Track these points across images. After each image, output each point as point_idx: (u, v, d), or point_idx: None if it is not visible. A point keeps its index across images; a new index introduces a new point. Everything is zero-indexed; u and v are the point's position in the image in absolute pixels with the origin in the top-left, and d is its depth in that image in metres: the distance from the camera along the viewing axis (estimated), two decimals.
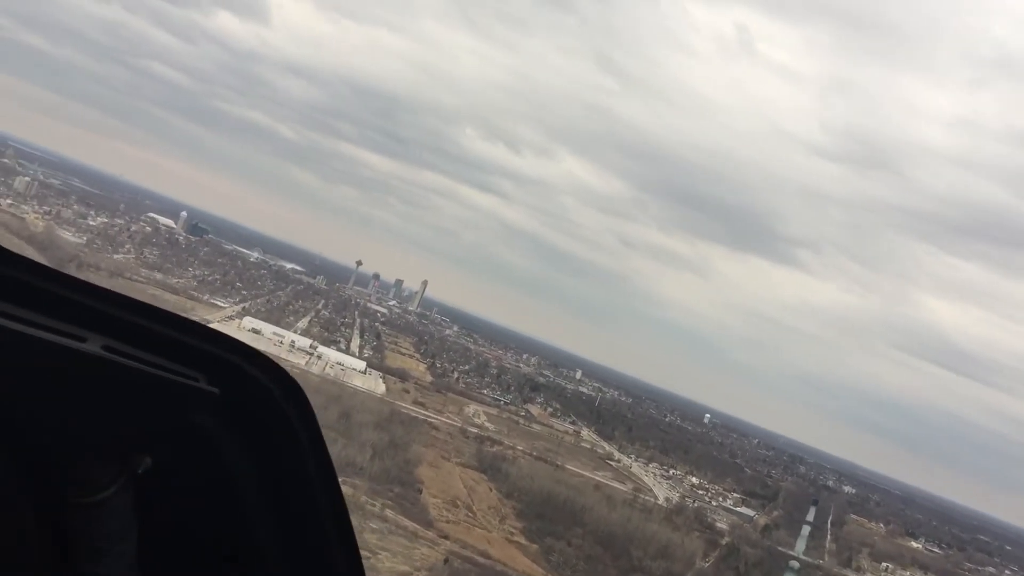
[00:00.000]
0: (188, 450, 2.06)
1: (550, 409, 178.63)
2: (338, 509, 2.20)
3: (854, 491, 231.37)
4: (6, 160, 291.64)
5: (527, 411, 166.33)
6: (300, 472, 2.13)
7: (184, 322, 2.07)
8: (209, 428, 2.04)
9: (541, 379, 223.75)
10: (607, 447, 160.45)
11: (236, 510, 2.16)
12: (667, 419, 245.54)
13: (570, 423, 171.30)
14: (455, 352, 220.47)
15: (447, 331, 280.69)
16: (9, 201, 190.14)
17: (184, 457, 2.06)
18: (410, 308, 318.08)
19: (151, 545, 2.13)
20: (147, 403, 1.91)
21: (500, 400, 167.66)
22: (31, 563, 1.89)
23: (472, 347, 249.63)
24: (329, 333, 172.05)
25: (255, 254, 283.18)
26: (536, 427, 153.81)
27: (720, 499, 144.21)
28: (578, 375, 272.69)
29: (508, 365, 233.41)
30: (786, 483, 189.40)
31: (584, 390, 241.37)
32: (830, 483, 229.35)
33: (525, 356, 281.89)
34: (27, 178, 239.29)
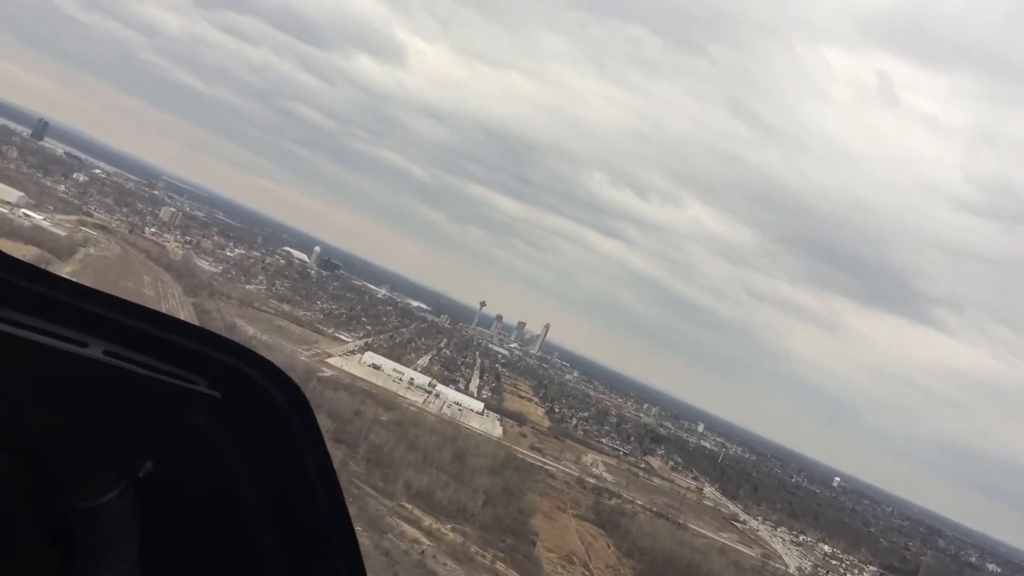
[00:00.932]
0: (189, 454, 2.06)
1: (671, 463, 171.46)
2: (339, 512, 2.19)
3: (999, 570, 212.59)
4: (156, 192, 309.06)
5: (647, 463, 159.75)
6: (302, 475, 2.13)
7: (185, 326, 2.06)
8: (210, 432, 2.04)
9: (662, 430, 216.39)
10: (732, 507, 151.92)
11: (237, 514, 2.17)
12: (793, 480, 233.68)
13: (692, 478, 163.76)
14: (574, 398, 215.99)
15: (567, 376, 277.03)
16: (153, 230, 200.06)
17: (185, 461, 2.07)
18: (531, 351, 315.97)
19: (152, 549, 2.13)
20: (148, 407, 1.92)
21: (619, 450, 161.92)
22: (33, 568, 1.90)
23: (592, 393, 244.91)
24: (449, 372, 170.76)
25: (382, 291, 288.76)
26: (657, 481, 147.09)
27: (856, 571, 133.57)
28: (700, 428, 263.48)
29: (628, 414, 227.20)
30: (925, 557, 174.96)
31: (706, 444, 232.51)
32: (972, 560, 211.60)
33: (645, 406, 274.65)
34: (173, 209, 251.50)
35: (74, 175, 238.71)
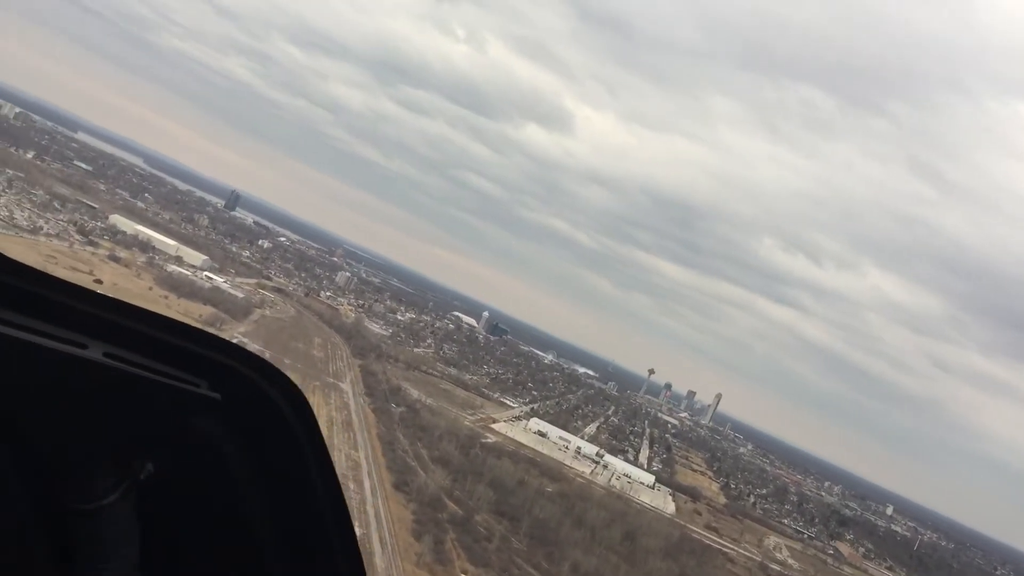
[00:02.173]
0: (190, 456, 2.07)
1: (862, 549, 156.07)
2: (340, 514, 2.19)
3: None
4: (335, 259, 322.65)
5: (835, 549, 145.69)
6: (302, 477, 2.14)
7: (185, 328, 2.07)
8: (211, 433, 2.05)
9: (847, 512, 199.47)
10: None
11: (238, 515, 2.17)
12: (999, 573, 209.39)
13: (886, 568, 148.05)
14: (750, 473, 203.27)
15: (741, 449, 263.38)
16: (329, 293, 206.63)
17: (186, 463, 2.08)
18: (702, 421, 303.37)
19: (153, 551, 2.14)
20: (148, 409, 1.93)
21: (803, 533, 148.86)
22: (33, 570, 1.91)
23: (768, 468, 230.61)
24: (617, 442, 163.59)
25: (549, 356, 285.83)
26: (848, 571, 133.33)
27: None
28: (889, 511, 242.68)
29: (809, 492, 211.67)
30: None
31: (897, 529, 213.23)
32: None
33: (827, 484, 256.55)
34: (348, 274, 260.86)
35: (259, 242, 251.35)
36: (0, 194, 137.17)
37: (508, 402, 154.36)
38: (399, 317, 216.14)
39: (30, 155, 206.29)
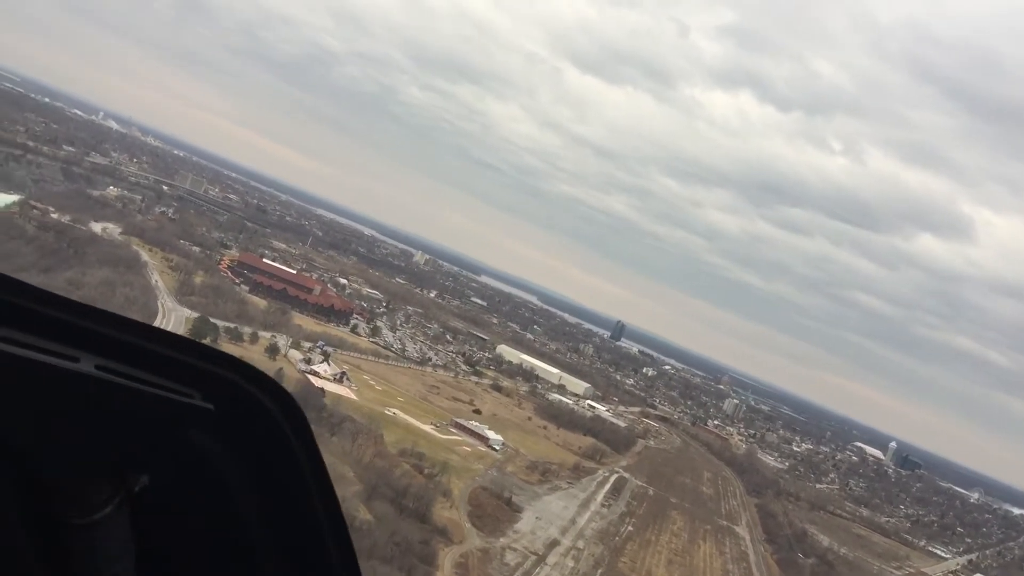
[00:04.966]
0: (184, 467, 2.05)
1: None
2: (336, 523, 2.18)
3: None
4: (721, 386, 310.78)
5: None
6: (297, 486, 2.13)
7: (176, 339, 2.06)
8: (205, 444, 2.03)
9: None
10: None
11: (233, 526, 2.15)
12: None
13: None
14: None
15: None
16: (716, 422, 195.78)
17: (180, 474, 2.06)
18: None
19: (148, 564, 2.13)
20: (142, 421, 1.92)
21: None
22: None
23: None
24: None
25: (975, 495, 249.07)
26: None
27: None
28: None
29: None
30: None
31: None
32: None
33: None
34: (735, 401, 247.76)
35: (643, 370, 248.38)
36: (397, 328, 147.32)
37: (938, 551, 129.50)
38: (794, 448, 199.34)
39: (432, 294, 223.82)
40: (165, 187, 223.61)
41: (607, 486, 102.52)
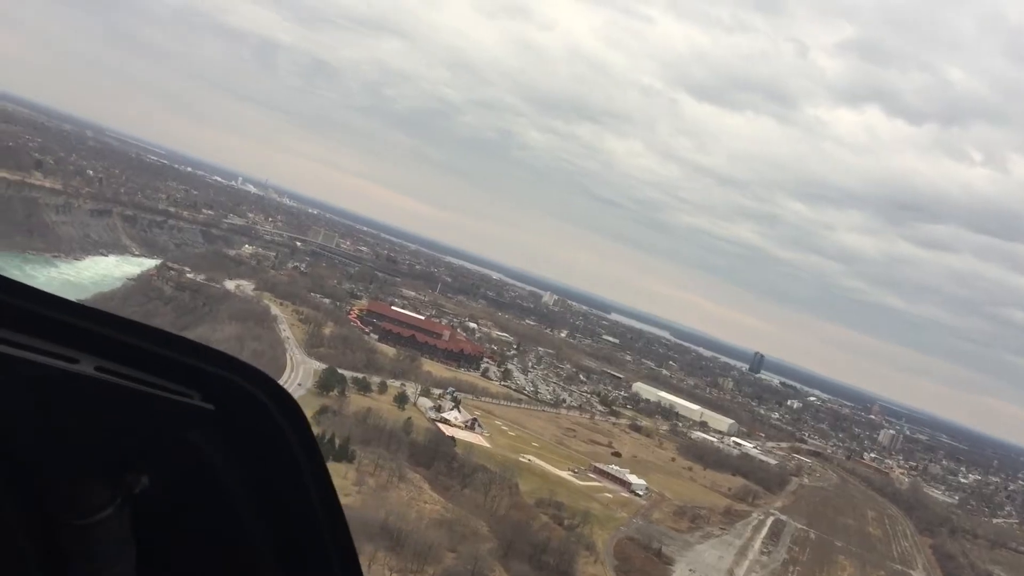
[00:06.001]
0: (184, 467, 2.06)
1: None
2: (336, 523, 2.19)
3: None
4: (872, 416, 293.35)
5: None
6: (298, 486, 2.13)
7: (176, 340, 2.06)
8: (205, 445, 2.04)
9: None
10: None
11: (234, 526, 2.16)
12: None
13: None
14: None
15: None
16: (872, 455, 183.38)
17: (181, 475, 2.06)
18: None
19: (148, 565, 2.13)
20: (142, 422, 1.92)
21: None
22: None
23: None
24: None
25: None
26: None
27: None
28: None
29: None
30: None
31: None
32: None
33: None
34: (891, 432, 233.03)
35: (788, 402, 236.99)
36: (528, 370, 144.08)
37: None
38: (961, 480, 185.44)
39: (563, 334, 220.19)
40: (298, 243, 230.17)
41: (764, 530, 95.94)
